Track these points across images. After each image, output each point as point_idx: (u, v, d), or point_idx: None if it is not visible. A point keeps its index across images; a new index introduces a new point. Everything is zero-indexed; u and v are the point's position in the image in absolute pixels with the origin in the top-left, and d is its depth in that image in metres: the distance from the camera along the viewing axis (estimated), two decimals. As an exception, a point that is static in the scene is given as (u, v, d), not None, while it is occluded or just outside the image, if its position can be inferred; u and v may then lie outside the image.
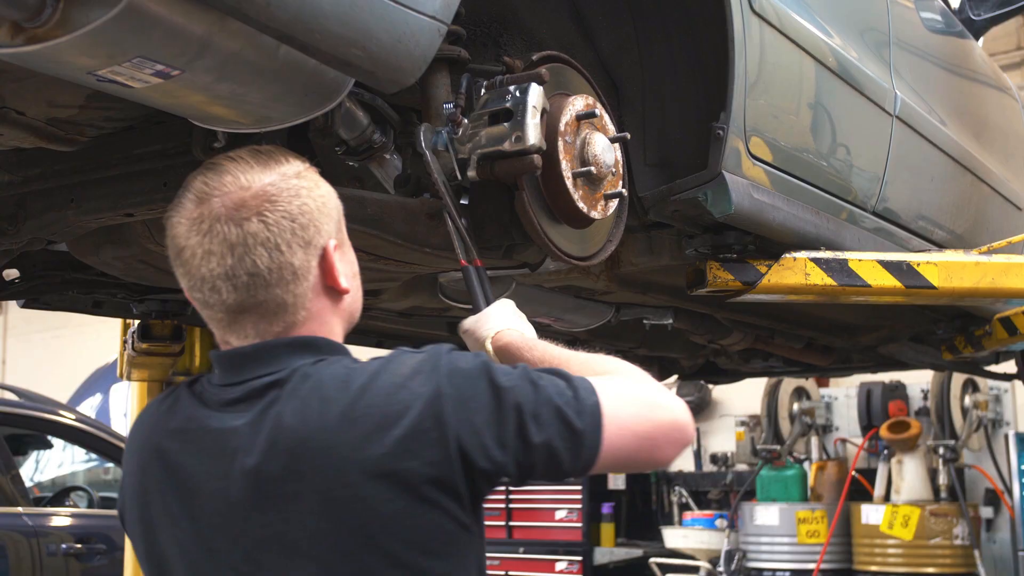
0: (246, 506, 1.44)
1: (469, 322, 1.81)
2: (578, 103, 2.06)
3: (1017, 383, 5.81)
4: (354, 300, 1.60)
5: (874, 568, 6.77)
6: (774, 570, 6.99)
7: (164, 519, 1.52)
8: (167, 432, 1.55)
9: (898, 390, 7.42)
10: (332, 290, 1.55)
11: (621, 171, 2.16)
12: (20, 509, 5.37)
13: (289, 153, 1.56)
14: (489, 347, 1.74)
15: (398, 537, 1.40)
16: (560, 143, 1.99)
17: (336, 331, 1.57)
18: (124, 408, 12.03)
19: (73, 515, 5.81)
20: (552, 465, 1.46)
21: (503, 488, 8.17)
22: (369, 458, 1.39)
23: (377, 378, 1.44)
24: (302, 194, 1.50)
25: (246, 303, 1.48)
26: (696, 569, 7.29)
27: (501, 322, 1.77)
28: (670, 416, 1.52)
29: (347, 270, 1.57)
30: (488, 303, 1.84)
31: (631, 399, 1.51)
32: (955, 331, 4.31)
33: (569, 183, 2.02)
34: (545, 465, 1.46)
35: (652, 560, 7.55)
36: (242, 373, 1.51)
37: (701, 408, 9.13)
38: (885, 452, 6.97)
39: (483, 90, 1.97)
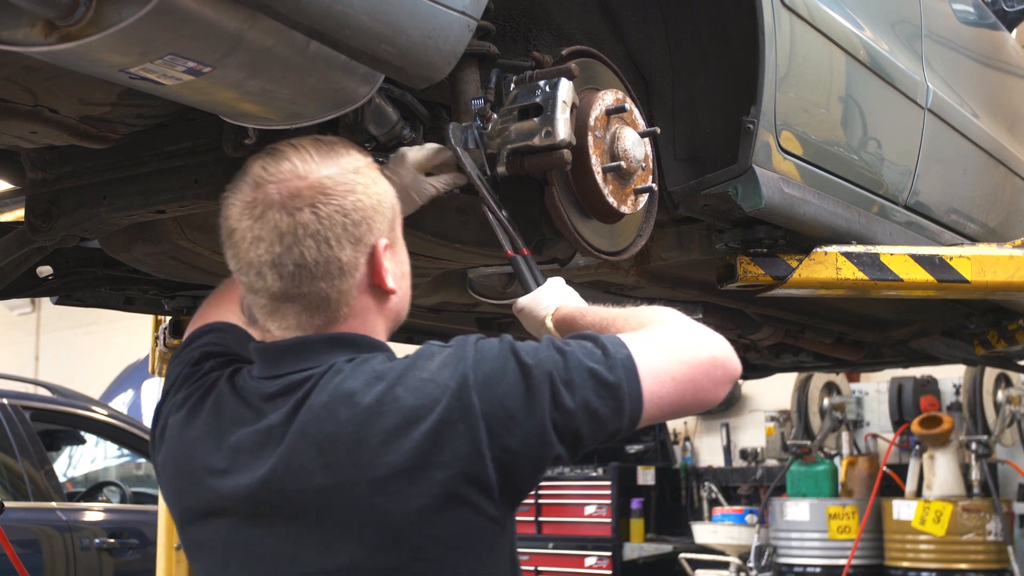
0: (280, 499, 1.44)
1: (524, 301, 1.82)
2: (608, 98, 2.05)
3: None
4: (401, 300, 1.60)
5: (906, 564, 6.73)
6: (804, 566, 6.95)
7: (208, 519, 1.52)
8: (208, 435, 1.54)
9: (930, 385, 7.36)
10: (378, 289, 1.54)
11: (651, 166, 2.16)
12: (54, 504, 5.42)
13: (352, 146, 1.56)
14: (549, 324, 1.76)
15: (423, 532, 1.40)
16: (590, 138, 1.99)
17: (379, 330, 1.56)
18: (155, 404, 12.08)
19: (106, 510, 5.86)
20: (596, 425, 1.44)
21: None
22: (395, 454, 1.39)
23: (406, 374, 1.44)
24: (358, 190, 1.50)
25: (290, 292, 1.48)
26: (726, 565, 7.26)
27: (557, 298, 1.78)
28: (707, 355, 1.51)
29: (396, 270, 1.57)
30: (539, 284, 1.84)
31: (663, 346, 1.50)
32: (988, 325, 4.27)
33: (599, 178, 2.01)
34: (590, 427, 1.44)
35: (682, 556, 7.53)
36: (281, 367, 1.51)
37: (731, 403, 9.09)
38: (917, 447, 6.92)
39: (512, 85, 1.96)
